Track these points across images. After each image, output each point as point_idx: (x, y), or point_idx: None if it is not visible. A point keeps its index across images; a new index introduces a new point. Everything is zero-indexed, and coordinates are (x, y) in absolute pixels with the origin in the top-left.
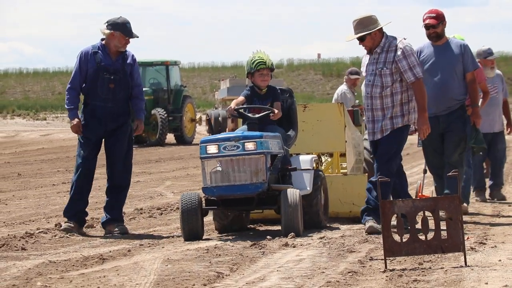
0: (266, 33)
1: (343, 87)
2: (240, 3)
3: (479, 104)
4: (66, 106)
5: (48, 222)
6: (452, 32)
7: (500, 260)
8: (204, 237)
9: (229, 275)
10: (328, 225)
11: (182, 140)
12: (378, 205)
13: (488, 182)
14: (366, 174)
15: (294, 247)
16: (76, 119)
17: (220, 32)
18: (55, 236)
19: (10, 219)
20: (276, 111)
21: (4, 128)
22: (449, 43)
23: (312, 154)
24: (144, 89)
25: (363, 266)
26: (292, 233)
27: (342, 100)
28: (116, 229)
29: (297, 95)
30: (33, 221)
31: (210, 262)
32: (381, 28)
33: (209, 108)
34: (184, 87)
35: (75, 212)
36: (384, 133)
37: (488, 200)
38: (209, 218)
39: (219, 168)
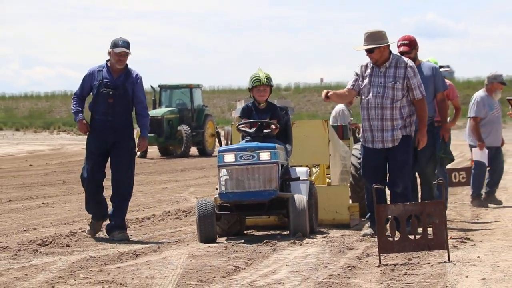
0: (276, 60)
1: (340, 106)
2: (253, 34)
3: (452, 120)
4: (72, 112)
5: (89, 223)
6: (427, 56)
7: (478, 257)
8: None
9: (244, 268)
10: (322, 229)
11: (204, 152)
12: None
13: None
14: (349, 185)
15: (300, 245)
16: (83, 120)
17: (236, 58)
18: (97, 237)
19: (56, 220)
20: (274, 127)
21: (51, 142)
22: (421, 66)
23: (302, 166)
24: (170, 108)
25: (361, 261)
26: (300, 233)
27: (341, 117)
28: (118, 235)
29: (303, 114)
30: (76, 221)
31: (228, 257)
32: (389, 44)
33: (227, 125)
34: (206, 106)
35: (102, 215)
36: (395, 143)
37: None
38: None
39: (228, 177)
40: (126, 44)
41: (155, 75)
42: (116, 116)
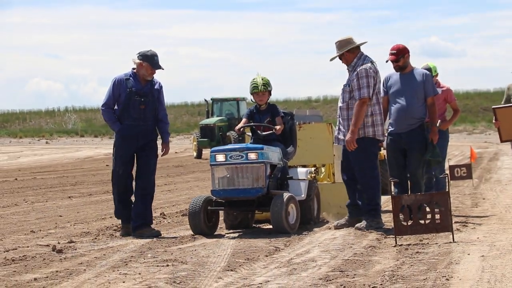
0: (307, 76)
1: None
2: (286, 55)
3: (448, 121)
4: (108, 122)
5: (155, 212)
6: (426, 60)
7: (478, 238)
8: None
9: (283, 249)
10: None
11: None
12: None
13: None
14: None
15: (329, 229)
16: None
17: (275, 76)
18: (159, 222)
19: None
20: (277, 127)
21: None
22: (413, 72)
23: (310, 167)
24: (221, 118)
25: (380, 242)
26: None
27: None
28: (151, 232)
29: (331, 121)
30: None
31: (270, 240)
32: (353, 49)
33: None
34: None
35: (126, 217)
36: (344, 142)
37: None
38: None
39: (220, 175)
40: (158, 60)
41: (208, 91)
42: (147, 121)
